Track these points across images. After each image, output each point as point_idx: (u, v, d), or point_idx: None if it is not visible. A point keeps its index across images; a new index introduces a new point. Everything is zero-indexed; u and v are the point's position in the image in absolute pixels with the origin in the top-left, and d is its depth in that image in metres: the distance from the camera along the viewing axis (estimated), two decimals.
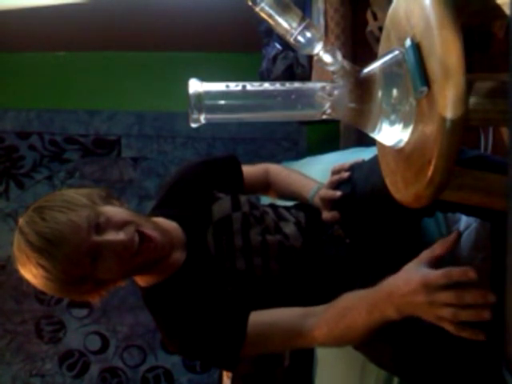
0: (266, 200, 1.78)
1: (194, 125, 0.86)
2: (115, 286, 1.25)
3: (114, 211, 1.20)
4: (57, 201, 1.18)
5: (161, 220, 1.29)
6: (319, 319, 1.10)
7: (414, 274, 0.94)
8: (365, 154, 1.38)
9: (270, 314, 1.17)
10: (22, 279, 1.23)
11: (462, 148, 1.08)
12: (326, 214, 1.30)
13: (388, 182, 0.97)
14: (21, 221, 1.19)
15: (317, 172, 1.59)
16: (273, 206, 1.41)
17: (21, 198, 2.56)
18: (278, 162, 2.23)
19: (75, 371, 2.52)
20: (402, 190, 0.90)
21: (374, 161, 1.17)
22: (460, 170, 0.84)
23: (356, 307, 1.04)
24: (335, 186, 1.29)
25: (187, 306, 1.20)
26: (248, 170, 1.49)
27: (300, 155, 2.32)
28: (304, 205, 1.41)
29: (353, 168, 1.28)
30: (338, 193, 1.27)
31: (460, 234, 0.91)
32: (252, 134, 2.56)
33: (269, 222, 1.32)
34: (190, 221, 1.31)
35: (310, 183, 1.41)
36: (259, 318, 1.16)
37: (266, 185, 1.51)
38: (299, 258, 1.29)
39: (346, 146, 2.04)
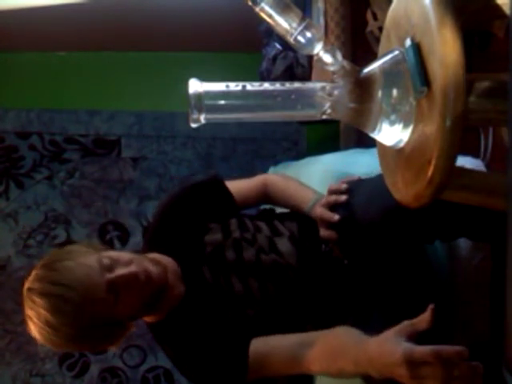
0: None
1: (193, 125, 0.86)
2: (129, 331, 1.30)
3: (117, 253, 1.26)
4: (61, 253, 1.23)
5: (156, 256, 1.33)
6: (312, 355, 1.12)
7: (396, 347, 0.93)
8: (365, 155, 1.38)
9: (269, 342, 1.20)
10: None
11: None
12: (324, 232, 1.31)
13: (388, 182, 0.97)
14: (27, 283, 1.19)
15: (317, 172, 1.60)
16: (267, 219, 1.42)
17: (21, 198, 2.56)
18: (278, 162, 2.23)
19: (75, 371, 2.52)
20: (402, 190, 0.90)
21: (374, 185, 1.18)
22: (460, 169, 0.84)
23: (344, 356, 1.05)
24: (332, 206, 1.29)
25: (191, 337, 1.25)
26: (242, 185, 1.49)
27: (300, 155, 2.31)
28: (298, 214, 1.41)
29: (351, 190, 1.27)
30: (336, 217, 1.26)
31: (433, 309, 0.91)
32: (252, 133, 2.55)
33: (262, 240, 1.34)
34: (184, 254, 1.34)
35: (308, 195, 1.41)
36: (259, 346, 1.20)
37: (263, 197, 1.50)
38: (295, 275, 1.30)
39: (346, 147, 2.04)
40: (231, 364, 1.20)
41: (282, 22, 0.86)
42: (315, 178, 1.47)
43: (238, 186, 1.47)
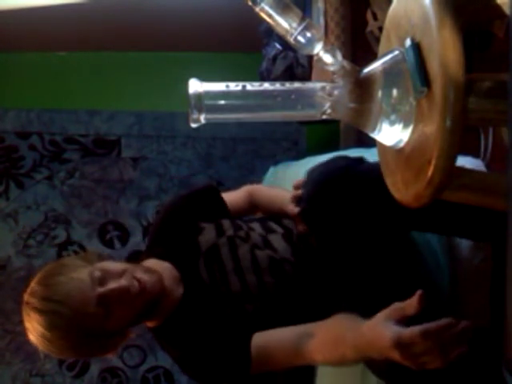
0: None
1: (193, 125, 0.86)
2: (127, 338, 1.33)
3: (110, 264, 1.28)
4: (55, 268, 1.25)
5: (153, 262, 1.35)
6: (314, 344, 1.13)
7: (385, 331, 0.95)
8: (365, 155, 1.38)
9: (270, 335, 1.21)
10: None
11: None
12: (298, 226, 1.35)
13: (388, 182, 0.97)
14: (25, 295, 1.23)
15: None
16: (261, 220, 1.45)
17: (21, 198, 2.56)
18: (278, 162, 2.23)
19: (75, 371, 2.52)
20: (402, 190, 0.90)
21: (311, 174, 1.26)
22: (460, 169, 0.84)
23: (344, 342, 1.06)
24: (297, 200, 1.33)
25: (192, 336, 1.26)
26: (231, 197, 1.53)
27: (300, 155, 2.31)
28: None
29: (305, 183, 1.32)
30: (296, 210, 1.32)
31: (422, 295, 0.92)
32: (252, 133, 2.55)
33: (255, 238, 1.36)
34: (180, 257, 1.36)
35: (288, 196, 1.43)
36: (261, 340, 1.21)
37: (251, 207, 1.55)
38: (292, 268, 1.30)
39: (346, 146, 2.04)
40: (234, 359, 1.21)
41: (282, 22, 0.86)
42: None
43: (228, 198, 1.52)
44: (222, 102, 0.85)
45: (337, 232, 1.25)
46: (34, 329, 1.20)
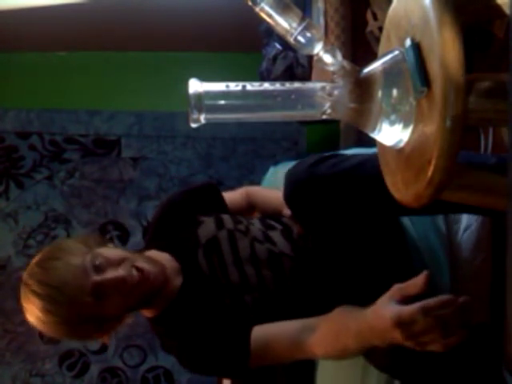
0: None
1: (193, 125, 0.86)
2: (123, 322, 1.31)
3: (110, 251, 1.26)
4: (55, 250, 1.25)
5: (153, 253, 1.35)
6: (315, 337, 1.12)
7: (386, 312, 0.96)
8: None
9: (270, 329, 1.21)
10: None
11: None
12: (295, 228, 1.35)
13: (388, 182, 0.97)
14: (24, 275, 1.24)
15: None
16: (260, 218, 1.45)
17: (21, 198, 2.56)
18: (278, 162, 2.23)
19: (75, 371, 2.52)
20: (402, 190, 0.90)
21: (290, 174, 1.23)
22: (460, 169, 0.84)
23: (345, 332, 1.06)
24: None
25: (191, 326, 1.25)
26: (229, 196, 1.54)
27: (300, 155, 2.31)
28: None
29: None
30: (288, 212, 1.32)
31: (428, 275, 0.93)
32: (252, 133, 2.56)
33: (255, 232, 1.36)
34: (180, 248, 1.36)
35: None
36: (261, 333, 1.20)
37: (249, 207, 1.56)
38: (291, 263, 1.30)
39: (346, 146, 2.04)
40: (233, 351, 1.20)
41: (282, 22, 0.86)
42: None
43: (226, 197, 1.53)
44: (222, 101, 0.85)
45: (322, 230, 1.25)
46: (30, 310, 1.21)
